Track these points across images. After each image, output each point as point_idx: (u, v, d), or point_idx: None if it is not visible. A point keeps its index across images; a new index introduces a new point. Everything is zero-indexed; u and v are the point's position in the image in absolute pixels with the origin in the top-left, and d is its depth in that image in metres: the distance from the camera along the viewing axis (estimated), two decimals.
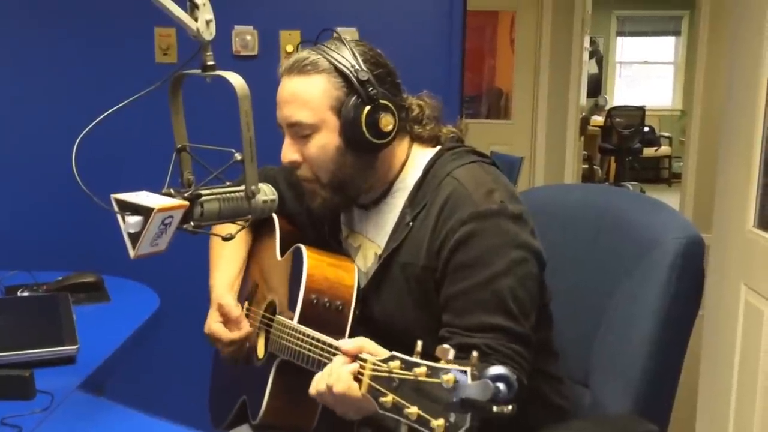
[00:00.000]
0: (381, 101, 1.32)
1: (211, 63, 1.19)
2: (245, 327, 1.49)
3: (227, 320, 1.49)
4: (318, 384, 1.12)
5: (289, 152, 1.37)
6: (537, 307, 1.31)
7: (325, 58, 1.32)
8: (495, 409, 0.85)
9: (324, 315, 1.36)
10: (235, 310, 1.49)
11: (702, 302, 1.42)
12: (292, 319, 1.36)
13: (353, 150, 1.34)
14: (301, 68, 1.33)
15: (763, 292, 2.16)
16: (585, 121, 7.59)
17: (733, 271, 2.38)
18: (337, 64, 1.32)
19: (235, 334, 1.48)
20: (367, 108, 1.31)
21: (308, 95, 1.32)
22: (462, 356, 0.91)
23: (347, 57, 1.32)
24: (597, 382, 1.46)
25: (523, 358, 1.25)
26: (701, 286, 1.41)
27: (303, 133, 1.34)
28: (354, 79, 1.31)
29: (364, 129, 1.31)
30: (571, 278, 1.55)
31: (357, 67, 1.31)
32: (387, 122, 1.32)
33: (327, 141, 1.34)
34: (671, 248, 1.36)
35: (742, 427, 2.29)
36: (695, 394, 2.67)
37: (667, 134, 9.83)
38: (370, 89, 1.31)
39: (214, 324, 1.50)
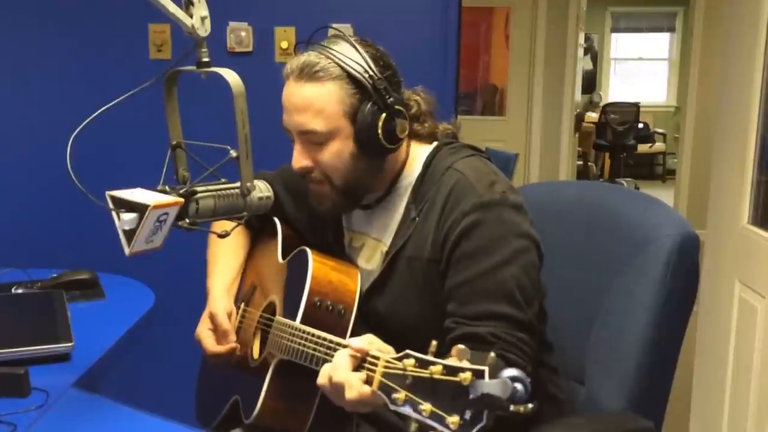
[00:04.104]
0: (396, 107, 1.31)
1: (206, 60, 1.19)
2: (231, 342, 1.49)
3: (216, 331, 1.50)
4: (324, 383, 1.10)
5: (301, 159, 1.35)
6: (539, 297, 1.31)
7: (336, 63, 1.30)
8: (512, 407, 0.86)
9: (326, 318, 1.35)
10: (225, 323, 1.49)
11: (696, 299, 1.42)
12: (293, 320, 1.35)
13: (367, 155, 1.33)
14: (312, 74, 1.29)
15: (757, 288, 2.17)
16: (579, 118, 7.60)
17: (727, 267, 2.38)
18: (351, 71, 1.29)
19: (218, 348, 1.49)
20: (384, 115, 1.30)
21: (322, 103, 1.30)
22: (473, 347, 0.91)
23: (358, 61, 1.30)
24: (592, 378, 1.46)
25: (528, 346, 1.25)
26: (696, 283, 1.41)
27: (316, 140, 1.32)
28: (369, 87, 1.29)
29: (381, 136, 1.30)
30: (566, 275, 1.55)
31: (370, 72, 1.29)
32: (403, 128, 1.32)
33: (341, 147, 1.32)
34: (666, 245, 1.36)
35: (736, 422, 2.30)
36: (690, 390, 2.68)
37: (661, 131, 9.84)
38: (387, 97, 1.30)
39: (203, 331, 1.51)
